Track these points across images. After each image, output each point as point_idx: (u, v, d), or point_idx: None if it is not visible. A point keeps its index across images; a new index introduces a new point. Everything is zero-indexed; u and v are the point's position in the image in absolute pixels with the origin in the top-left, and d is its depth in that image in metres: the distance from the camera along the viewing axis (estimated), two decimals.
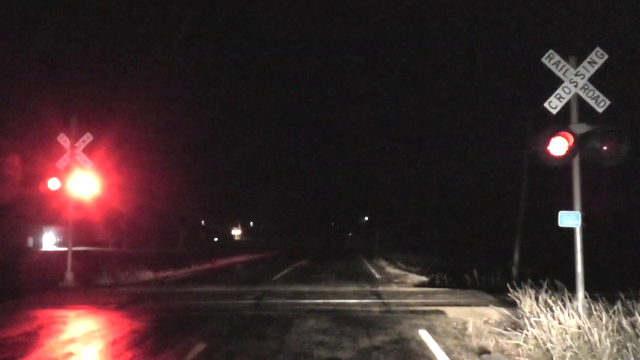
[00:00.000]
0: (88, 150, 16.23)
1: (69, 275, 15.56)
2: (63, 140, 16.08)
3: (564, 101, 8.73)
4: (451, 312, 10.48)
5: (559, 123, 8.60)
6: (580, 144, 8.33)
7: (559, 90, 8.75)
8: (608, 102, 8.61)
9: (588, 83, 8.71)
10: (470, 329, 8.58)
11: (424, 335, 8.27)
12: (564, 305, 7.45)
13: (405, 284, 18.37)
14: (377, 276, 22.60)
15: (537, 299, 8.14)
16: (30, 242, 54.56)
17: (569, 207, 8.50)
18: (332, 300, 12.55)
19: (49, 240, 59.20)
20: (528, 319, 7.61)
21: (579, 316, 7.10)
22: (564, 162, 8.39)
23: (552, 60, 8.84)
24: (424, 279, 20.20)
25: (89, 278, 16.96)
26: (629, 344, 5.99)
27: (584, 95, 8.69)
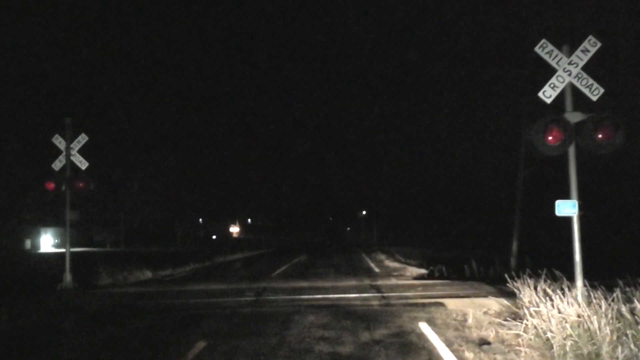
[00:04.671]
0: (84, 150, 16.17)
1: (67, 277, 15.50)
2: (58, 141, 16.01)
3: (558, 90, 8.72)
4: (451, 304, 10.49)
5: (554, 112, 8.59)
6: (575, 133, 8.34)
7: (553, 80, 8.74)
8: (602, 90, 8.61)
9: (582, 71, 8.70)
10: (470, 320, 8.60)
11: (424, 327, 8.28)
12: (563, 294, 7.45)
13: (404, 277, 18.40)
14: (376, 270, 22.63)
15: (536, 288, 8.14)
16: (28, 244, 54.47)
17: (566, 195, 8.51)
18: (331, 295, 12.55)
19: (47, 242, 59.09)
20: (528, 308, 7.63)
21: (579, 305, 7.10)
22: (560, 151, 8.40)
23: (545, 50, 8.82)
24: (423, 271, 20.24)
25: (87, 279, 16.93)
26: (628, 331, 6.00)
27: (577, 84, 8.69)
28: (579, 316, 6.73)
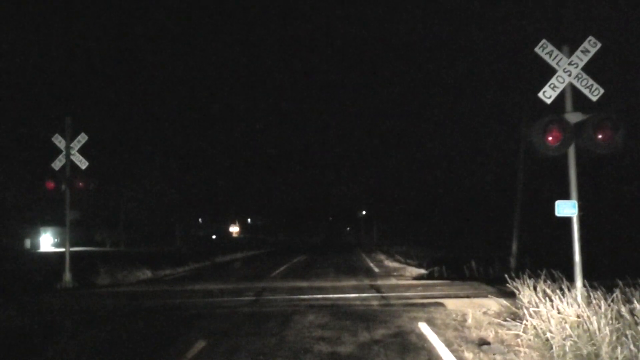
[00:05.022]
0: (84, 150, 16.18)
1: (67, 276, 15.53)
2: (58, 140, 16.03)
3: (558, 90, 8.73)
4: (450, 304, 10.49)
5: (554, 112, 8.60)
6: (575, 133, 8.35)
7: (553, 80, 8.75)
8: (602, 91, 8.62)
9: (582, 72, 8.71)
10: (469, 321, 8.60)
11: (423, 327, 8.28)
12: (563, 295, 7.46)
13: (404, 277, 18.41)
14: (376, 270, 22.65)
15: (535, 288, 8.14)
16: (28, 243, 54.43)
17: (566, 196, 8.51)
18: (331, 295, 12.55)
19: (47, 242, 59.06)
20: (527, 309, 7.63)
21: (578, 305, 7.10)
22: (560, 151, 8.40)
23: (545, 50, 8.83)
24: (422, 271, 20.25)
25: (87, 278, 16.94)
26: (628, 332, 6.00)
27: (577, 84, 8.69)
28: (578, 317, 6.73)
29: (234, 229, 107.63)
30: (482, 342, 7.20)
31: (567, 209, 8.39)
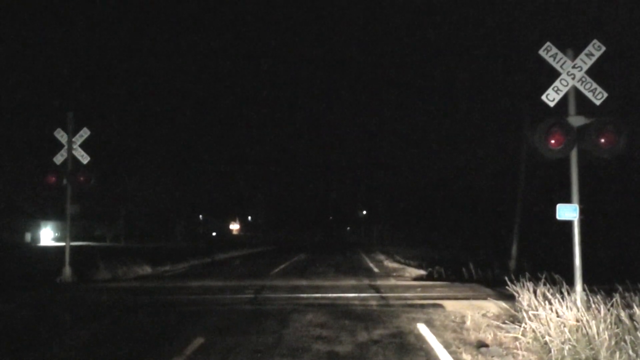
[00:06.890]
0: (86, 145, 16.17)
1: (67, 270, 15.53)
2: (60, 135, 16.02)
3: (562, 94, 8.70)
4: (449, 305, 10.48)
5: (557, 115, 8.57)
6: (578, 137, 8.32)
7: (557, 83, 8.72)
8: (605, 95, 8.59)
9: (585, 75, 8.68)
10: (468, 323, 8.58)
11: (422, 329, 8.27)
12: (562, 299, 7.44)
13: (403, 278, 18.39)
14: (376, 270, 22.63)
15: (535, 292, 8.13)
16: (28, 237, 54.50)
17: (567, 200, 8.49)
18: (330, 295, 12.54)
19: (47, 235, 59.13)
20: (526, 312, 7.61)
21: (577, 309, 7.09)
22: (562, 155, 8.38)
23: (549, 53, 8.80)
24: (422, 272, 20.23)
25: (87, 273, 16.93)
26: (627, 337, 5.98)
27: (581, 88, 8.67)
28: (577, 321, 6.71)
29: (235, 227, 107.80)
30: (481, 345, 7.19)
31: (568, 212, 8.37)
